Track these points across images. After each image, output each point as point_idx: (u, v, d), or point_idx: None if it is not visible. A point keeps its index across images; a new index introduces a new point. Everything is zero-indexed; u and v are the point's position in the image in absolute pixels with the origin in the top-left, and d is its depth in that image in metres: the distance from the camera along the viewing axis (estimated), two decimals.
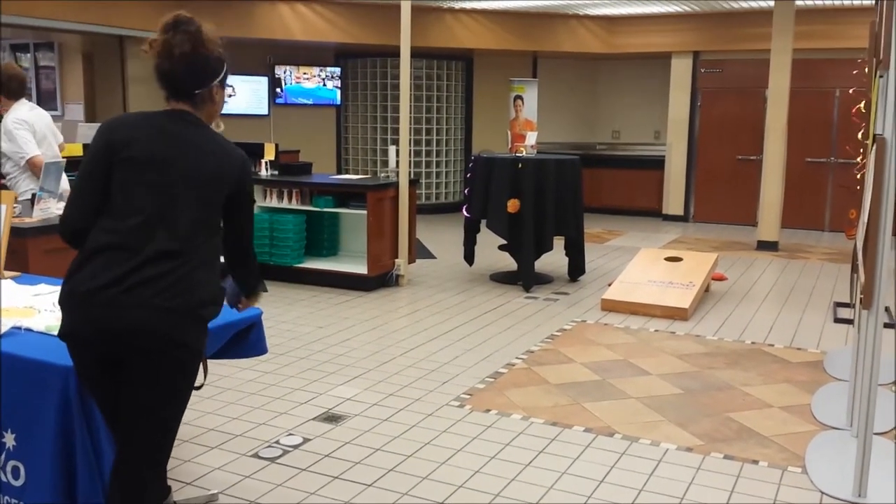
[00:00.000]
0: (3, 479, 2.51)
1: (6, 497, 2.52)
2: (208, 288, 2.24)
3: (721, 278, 7.36)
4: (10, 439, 2.46)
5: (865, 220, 3.52)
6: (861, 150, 4.91)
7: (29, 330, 2.64)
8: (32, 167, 4.96)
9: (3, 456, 2.50)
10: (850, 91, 5.93)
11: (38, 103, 10.44)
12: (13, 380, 2.42)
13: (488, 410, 4.11)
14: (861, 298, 3.33)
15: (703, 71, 11.10)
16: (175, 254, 2.17)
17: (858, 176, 4.57)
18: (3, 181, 5.18)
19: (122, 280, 2.12)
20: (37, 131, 5.05)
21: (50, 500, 2.35)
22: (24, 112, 5.02)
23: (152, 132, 2.26)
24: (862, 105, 4.47)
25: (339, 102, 11.41)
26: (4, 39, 10.37)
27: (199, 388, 2.41)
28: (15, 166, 5.03)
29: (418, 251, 7.73)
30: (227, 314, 2.80)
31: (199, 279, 2.21)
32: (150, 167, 2.22)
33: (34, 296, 3.03)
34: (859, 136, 4.76)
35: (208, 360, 2.79)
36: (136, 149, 2.23)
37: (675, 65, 11.15)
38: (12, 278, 3.32)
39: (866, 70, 4.49)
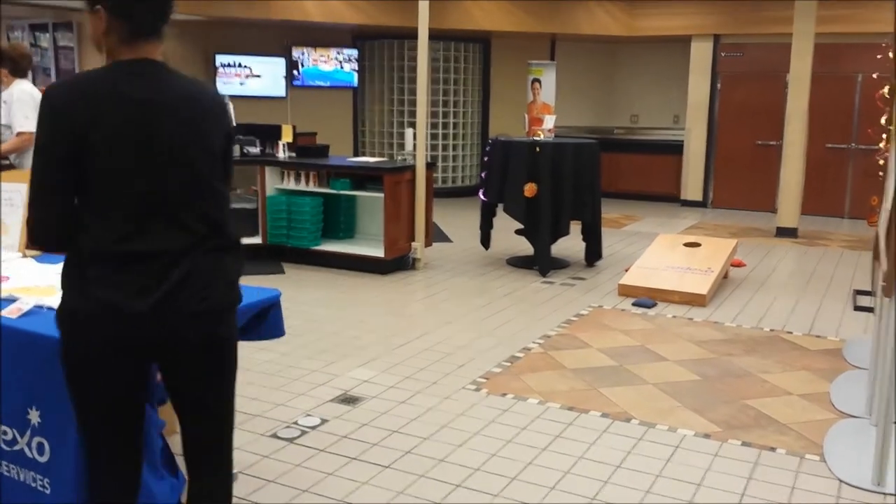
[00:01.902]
0: (29, 455, 2.54)
1: (32, 473, 2.55)
2: (235, 274, 2.10)
3: (740, 265, 7.31)
4: (34, 416, 2.48)
5: (888, 207, 3.48)
6: (884, 136, 4.84)
7: (51, 308, 2.65)
8: (24, 143, 5.01)
9: (28, 433, 2.53)
10: (874, 76, 5.84)
11: None
12: (37, 358, 2.44)
13: (505, 394, 4.11)
14: (883, 286, 3.30)
15: (723, 55, 10.97)
16: (187, 250, 1.95)
17: (881, 162, 4.51)
18: (9, 160, 5.23)
19: (146, 292, 1.90)
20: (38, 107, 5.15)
21: (74, 476, 2.37)
22: (29, 87, 5.15)
23: (121, 100, 1.89)
24: (885, 90, 4.41)
25: (356, 85, 11.38)
26: (24, 19, 10.40)
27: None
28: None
29: (434, 235, 7.72)
30: (247, 295, 2.81)
31: (226, 268, 2.05)
32: (135, 148, 1.89)
33: (56, 275, 3.05)
34: (882, 121, 4.69)
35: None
36: (105, 127, 1.87)
37: (694, 48, 11.02)
38: (33, 257, 3.34)
39: (890, 55, 4.43)
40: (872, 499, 3.12)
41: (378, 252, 6.76)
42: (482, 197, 7.29)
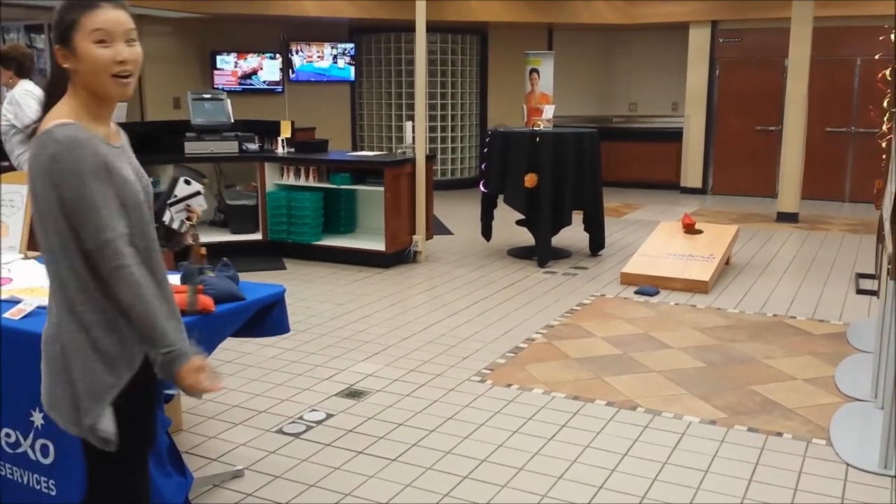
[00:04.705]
0: (33, 457, 2.53)
1: (35, 475, 2.55)
2: None
3: (691, 222, 6.86)
4: (37, 418, 2.48)
5: (893, 190, 3.46)
6: (885, 119, 4.83)
7: None
8: None
9: (31, 434, 2.52)
10: (877, 57, 5.79)
11: None
12: (39, 359, 2.43)
13: (510, 385, 4.10)
14: (889, 269, 3.29)
15: (721, 41, 10.93)
16: None
17: (884, 145, 4.49)
18: (8, 162, 5.21)
19: None
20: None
21: (79, 478, 2.36)
22: (31, 86, 5.12)
23: None
24: (888, 72, 4.39)
25: (352, 79, 11.35)
26: (19, 20, 10.37)
27: None
28: (23, 140, 5.08)
29: (435, 227, 7.71)
30: (251, 292, 2.80)
31: None
32: None
33: None
34: (885, 104, 4.67)
35: (231, 338, 2.80)
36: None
37: (692, 35, 10.98)
38: (35, 259, 3.33)
39: (893, 37, 4.41)
40: (880, 482, 3.12)
41: (379, 246, 6.75)
42: (482, 188, 7.27)
